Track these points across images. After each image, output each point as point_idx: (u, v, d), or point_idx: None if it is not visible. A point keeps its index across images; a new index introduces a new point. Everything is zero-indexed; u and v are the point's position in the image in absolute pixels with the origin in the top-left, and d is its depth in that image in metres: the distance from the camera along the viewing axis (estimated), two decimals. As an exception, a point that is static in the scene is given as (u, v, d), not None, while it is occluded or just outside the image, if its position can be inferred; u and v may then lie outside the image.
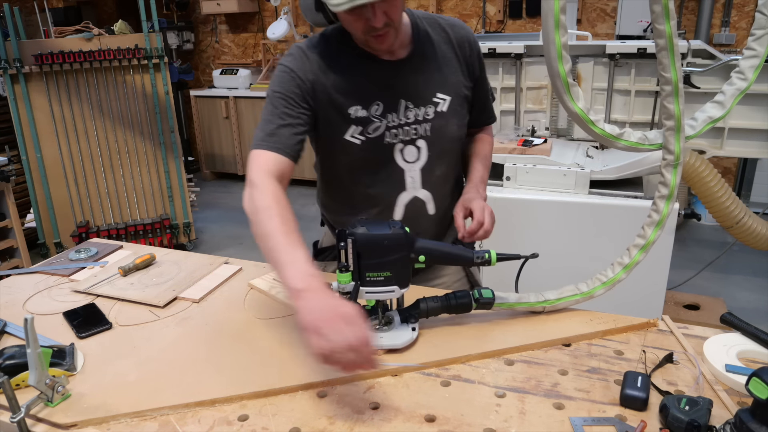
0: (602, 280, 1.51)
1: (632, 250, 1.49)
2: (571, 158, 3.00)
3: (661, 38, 1.26)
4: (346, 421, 1.15)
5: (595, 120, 1.37)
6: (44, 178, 4.57)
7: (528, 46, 3.33)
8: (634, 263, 1.48)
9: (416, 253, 1.34)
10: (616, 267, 1.51)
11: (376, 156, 1.66)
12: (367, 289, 1.32)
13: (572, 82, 1.32)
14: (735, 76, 1.41)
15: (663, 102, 1.34)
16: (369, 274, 1.31)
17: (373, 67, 1.62)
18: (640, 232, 1.48)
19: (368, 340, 1.09)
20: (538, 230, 2.83)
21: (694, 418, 1.05)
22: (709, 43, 5.25)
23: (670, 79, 1.30)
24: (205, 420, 1.17)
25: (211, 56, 7.76)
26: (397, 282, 1.33)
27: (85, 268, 1.87)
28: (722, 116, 1.41)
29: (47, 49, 4.36)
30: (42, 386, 1.17)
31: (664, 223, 1.44)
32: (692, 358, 1.32)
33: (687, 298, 3.61)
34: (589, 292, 1.51)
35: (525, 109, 3.49)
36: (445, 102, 1.68)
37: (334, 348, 1.07)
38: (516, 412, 1.17)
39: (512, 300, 1.49)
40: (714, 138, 3.14)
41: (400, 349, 1.35)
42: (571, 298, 1.51)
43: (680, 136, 1.36)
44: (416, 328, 1.39)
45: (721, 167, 5.47)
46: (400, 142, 1.66)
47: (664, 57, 1.28)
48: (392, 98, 1.63)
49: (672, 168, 1.40)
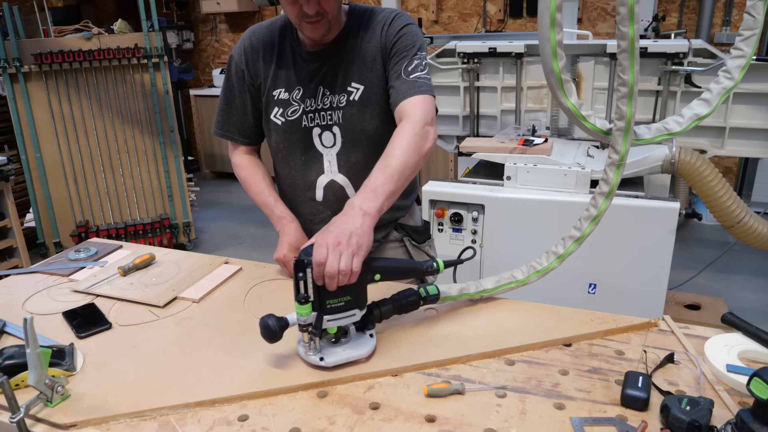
0: (536, 269, 1.56)
1: (567, 242, 1.52)
2: (572, 158, 3.00)
3: (623, 40, 1.29)
4: (347, 421, 1.15)
5: (587, 115, 1.42)
6: (44, 178, 4.57)
7: (529, 45, 3.33)
8: (567, 253, 1.52)
9: (372, 272, 1.33)
10: (551, 256, 1.55)
11: (298, 139, 1.80)
12: (329, 317, 1.28)
13: (566, 78, 1.35)
14: (722, 75, 1.45)
15: (617, 102, 1.37)
16: (330, 302, 1.27)
17: (301, 55, 1.76)
18: (576, 224, 1.51)
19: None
20: (539, 230, 2.83)
21: (695, 418, 1.05)
22: (710, 42, 5.25)
23: (627, 81, 1.33)
24: (204, 420, 1.17)
25: (211, 55, 7.76)
26: (357, 305, 1.31)
27: (85, 267, 1.87)
28: (708, 114, 1.46)
29: (47, 48, 4.37)
30: (41, 386, 1.17)
31: (600, 219, 1.48)
32: (693, 358, 1.31)
33: (688, 298, 3.61)
34: (524, 280, 1.57)
35: (526, 108, 3.49)
36: (357, 91, 1.75)
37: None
38: (516, 412, 1.17)
39: (454, 293, 1.54)
40: (715, 137, 3.14)
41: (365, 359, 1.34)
42: (507, 286, 1.57)
43: (628, 138, 1.40)
44: (374, 335, 1.38)
45: (722, 167, 5.47)
46: (318, 127, 1.78)
47: (624, 59, 1.31)
48: (311, 85, 1.76)
49: (615, 167, 1.43)
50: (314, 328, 1.27)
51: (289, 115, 1.78)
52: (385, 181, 1.44)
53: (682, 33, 4.97)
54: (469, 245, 1.50)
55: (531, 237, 2.85)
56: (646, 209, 2.68)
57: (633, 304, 2.78)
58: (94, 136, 4.63)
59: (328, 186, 1.82)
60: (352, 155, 1.79)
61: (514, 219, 2.88)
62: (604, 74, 3.27)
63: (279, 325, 1.25)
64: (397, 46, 1.70)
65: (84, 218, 4.74)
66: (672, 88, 3.13)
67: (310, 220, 1.88)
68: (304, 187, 1.85)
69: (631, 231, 2.70)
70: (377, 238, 1.94)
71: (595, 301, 2.86)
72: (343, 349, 1.33)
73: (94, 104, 4.58)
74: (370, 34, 1.73)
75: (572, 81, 1.40)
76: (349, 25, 1.75)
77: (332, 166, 1.80)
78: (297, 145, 1.80)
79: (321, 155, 1.80)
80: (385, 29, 1.71)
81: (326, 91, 1.75)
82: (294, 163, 1.84)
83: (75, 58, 4.39)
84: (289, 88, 1.77)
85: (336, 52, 1.74)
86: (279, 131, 1.80)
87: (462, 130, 3.65)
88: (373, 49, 1.73)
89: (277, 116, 1.79)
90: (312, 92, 1.76)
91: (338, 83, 1.75)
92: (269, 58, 1.79)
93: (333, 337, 1.35)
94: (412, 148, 1.51)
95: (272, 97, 1.79)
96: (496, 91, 3.50)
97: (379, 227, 1.89)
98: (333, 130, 1.77)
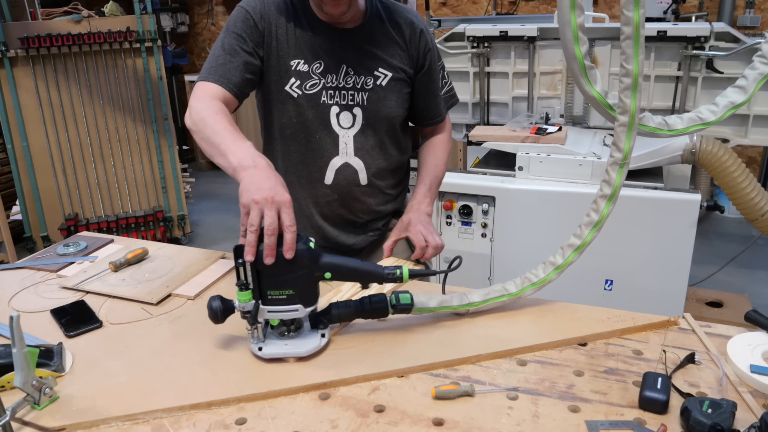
0: (532, 281, 1.48)
1: (566, 250, 1.46)
2: (588, 147, 2.99)
3: (627, 26, 1.24)
4: (350, 424, 1.15)
5: (614, 104, 1.37)
6: (31, 168, 4.58)
7: (542, 29, 3.32)
8: (566, 264, 1.46)
9: (321, 269, 1.32)
10: (548, 267, 1.48)
11: (314, 115, 1.81)
12: (269, 308, 1.30)
13: (589, 65, 1.32)
14: (758, 61, 1.40)
15: (620, 95, 1.33)
16: (270, 293, 1.29)
17: (321, 29, 1.79)
18: (576, 232, 1.45)
19: (290, 230, 1.26)
20: (553, 224, 2.82)
21: (717, 421, 1.05)
22: (732, 25, 5.21)
23: (631, 71, 1.28)
24: (200, 423, 1.17)
25: (207, 39, 7.75)
26: (302, 300, 1.31)
27: (74, 263, 1.87)
28: (744, 102, 1.40)
29: (34, 31, 4.37)
30: (28, 388, 1.17)
31: (602, 225, 1.41)
32: (715, 358, 1.31)
33: (710, 294, 3.60)
34: (518, 293, 1.49)
35: (538, 95, 3.48)
36: (385, 77, 1.84)
37: (256, 227, 1.24)
38: (529, 415, 1.16)
39: (433, 304, 1.47)
40: (738, 126, 3.12)
41: (308, 357, 1.34)
42: (498, 299, 1.49)
43: (632, 135, 1.35)
44: (326, 335, 1.38)
45: (746, 156, 5.45)
46: (336, 105, 1.81)
47: (628, 47, 1.26)
48: (334, 61, 1.79)
49: (618, 167, 1.38)
50: (250, 317, 1.30)
51: (308, 88, 1.78)
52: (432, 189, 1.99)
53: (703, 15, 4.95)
54: (457, 256, 1.46)
55: (544, 231, 2.84)
56: (666, 201, 2.68)
57: (651, 301, 2.78)
58: (83, 125, 4.64)
59: (341, 169, 1.85)
60: (371, 138, 1.86)
61: (526, 212, 2.88)
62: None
63: (222, 308, 1.31)
64: (429, 57, 1.90)
65: (73, 211, 4.75)
66: (693, 74, 3.11)
67: (314, 203, 1.90)
68: (313, 168, 1.86)
69: (649, 224, 2.69)
70: (378, 227, 2.02)
71: (611, 298, 2.86)
72: (286, 344, 1.35)
73: (84, 91, 4.58)
74: (404, 30, 1.85)
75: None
76: (375, 11, 1.83)
77: (348, 148, 1.84)
78: (312, 122, 1.81)
79: (337, 135, 1.83)
80: (423, 36, 1.87)
81: (350, 70, 1.80)
82: (306, 140, 1.84)
83: (64, 42, 4.39)
84: (309, 60, 1.78)
85: (363, 33, 1.81)
86: (293, 104, 1.80)
87: (471, 118, 3.65)
88: (397, 41, 1.85)
89: (293, 88, 1.78)
90: (334, 69, 1.79)
91: (364, 65, 1.81)
92: (287, 24, 1.78)
93: (286, 330, 1.37)
94: (447, 159, 2.07)
95: (289, 67, 1.78)
96: (507, 76, 3.49)
97: (380, 218, 2.00)
98: (354, 111, 1.82)
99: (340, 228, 1.96)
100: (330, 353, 1.37)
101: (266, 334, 1.36)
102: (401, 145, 1.98)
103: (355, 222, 1.96)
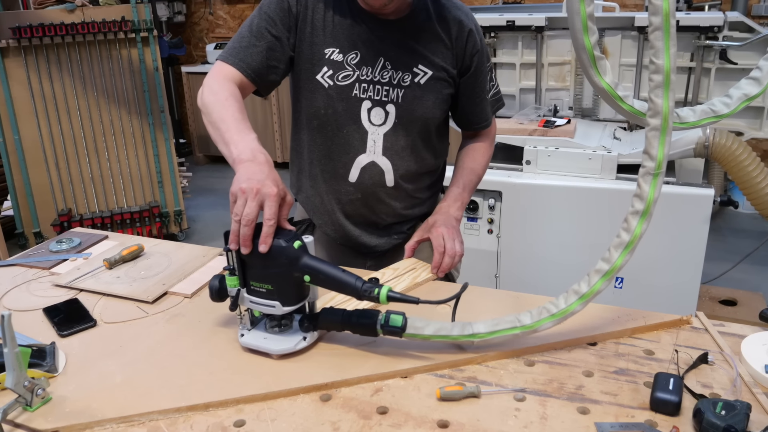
0: (551, 311, 1.33)
1: (593, 277, 1.31)
2: (597, 140, 2.98)
3: (656, 15, 1.15)
4: (352, 426, 1.15)
5: (624, 96, 1.33)
6: (23, 162, 4.57)
7: (550, 18, 3.32)
8: (592, 292, 1.30)
9: (300, 270, 1.31)
10: (571, 296, 1.33)
11: (344, 108, 1.76)
12: (251, 298, 1.34)
13: (599, 55, 1.30)
14: None
15: (650, 95, 1.22)
16: (253, 283, 1.33)
17: (362, 18, 1.74)
18: (605, 255, 1.30)
19: (268, 223, 1.27)
20: (561, 219, 2.82)
21: (731, 423, 1.05)
22: (747, 14, 5.20)
23: (662, 66, 1.17)
24: (197, 426, 1.17)
25: (205, 29, 7.74)
26: (279, 298, 1.32)
27: (68, 260, 1.87)
28: (759, 94, 1.37)
29: (26, 21, 4.36)
30: (20, 389, 1.17)
31: (635, 246, 1.27)
32: (729, 358, 1.31)
33: (723, 292, 3.60)
34: (533, 325, 1.32)
35: (546, 86, 3.47)
36: (425, 75, 1.77)
37: (240, 216, 1.27)
38: (537, 417, 1.16)
39: (429, 331, 1.32)
40: (752, 118, 3.12)
41: (291, 354, 1.35)
42: (508, 331, 1.33)
43: (666, 140, 1.22)
44: (308, 339, 1.37)
45: (761, 150, 5.44)
46: (369, 101, 1.76)
47: (658, 39, 1.16)
48: (372, 53, 1.75)
49: (651, 177, 1.25)
50: (231, 302, 1.36)
51: (340, 80, 1.74)
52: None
53: (716, 4, 4.93)
54: (465, 283, 1.41)
55: (552, 227, 2.84)
56: (678, 196, 2.67)
57: (663, 299, 2.78)
58: (77, 117, 4.63)
59: (367, 167, 1.81)
60: (402, 138, 1.80)
61: (533, 207, 2.88)
62: (632, 49, 3.25)
63: (218, 288, 1.37)
64: (476, 59, 1.83)
65: (66, 206, 4.75)
66: (706, 65, 3.11)
67: (336, 199, 1.87)
68: (338, 163, 1.82)
69: (661, 220, 2.66)
70: (403, 230, 1.98)
71: (622, 297, 2.86)
72: (265, 338, 1.37)
73: (78, 82, 4.58)
74: (451, 27, 1.79)
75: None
76: (422, 4, 1.77)
77: (377, 146, 1.79)
78: (341, 115, 1.77)
79: (366, 132, 1.78)
80: (472, 36, 1.81)
81: (387, 64, 1.75)
82: (333, 133, 1.80)
83: (57, 32, 4.38)
84: (345, 50, 1.74)
85: (406, 26, 1.76)
86: (323, 94, 1.76)
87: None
88: (443, 39, 1.78)
89: (325, 77, 1.74)
90: (371, 61, 1.75)
91: (403, 60, 1.76)
92: (326, 10, 1.74)
93: (276, 325, 1.39)
94: (486, 165, 2.05)
95: (322, 55, 1.74)
96: (514, 67, 3.49)
97: (405, 221, 1.97)
98: (387, 108, 1.77)
99: (362, 228, 1.91)
100: (331, 353, 1.37)
101: (257, 326, 1.40)
102: (435, 149, 1.94)
103: (377, 223, 1.92)
